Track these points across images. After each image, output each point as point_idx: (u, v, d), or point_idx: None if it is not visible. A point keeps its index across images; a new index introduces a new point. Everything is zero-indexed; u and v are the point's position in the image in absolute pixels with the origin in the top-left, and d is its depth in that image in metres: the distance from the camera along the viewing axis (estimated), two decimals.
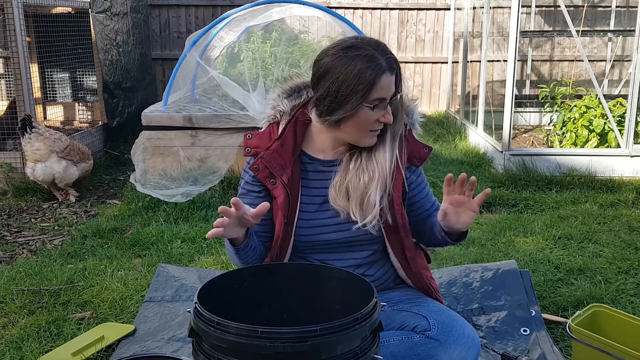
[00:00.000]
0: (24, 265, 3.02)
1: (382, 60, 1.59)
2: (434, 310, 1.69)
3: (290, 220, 1.71)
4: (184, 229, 3.51)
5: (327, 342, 1.22)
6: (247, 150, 1.75)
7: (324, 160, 1.75)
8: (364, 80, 1.57)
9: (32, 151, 4.10)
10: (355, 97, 1.58)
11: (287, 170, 1.69)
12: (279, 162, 1.69)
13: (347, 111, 1.60)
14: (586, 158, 4.67)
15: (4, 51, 5.82)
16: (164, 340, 2.27)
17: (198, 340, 1.33)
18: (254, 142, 1.74)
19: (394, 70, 1.61)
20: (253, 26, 4.54)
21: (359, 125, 1.63)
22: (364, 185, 1.66)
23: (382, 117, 1.62)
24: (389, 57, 1.61)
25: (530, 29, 7.18)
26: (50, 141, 4.13)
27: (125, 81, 5.89)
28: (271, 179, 1.70)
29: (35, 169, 4.12)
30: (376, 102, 1.60)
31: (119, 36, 5.79)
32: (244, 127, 4.21)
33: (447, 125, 6.54)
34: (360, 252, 1.77)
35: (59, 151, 4.15)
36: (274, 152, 1.70)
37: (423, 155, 1.78)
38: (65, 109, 6.31)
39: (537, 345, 2.25)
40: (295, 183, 1.71)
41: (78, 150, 4.31)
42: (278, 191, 1.69)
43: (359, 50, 1.59)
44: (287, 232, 1.72)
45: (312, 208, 1.73)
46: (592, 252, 3.17)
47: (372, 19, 7.47)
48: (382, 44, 1.64)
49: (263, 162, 1.69)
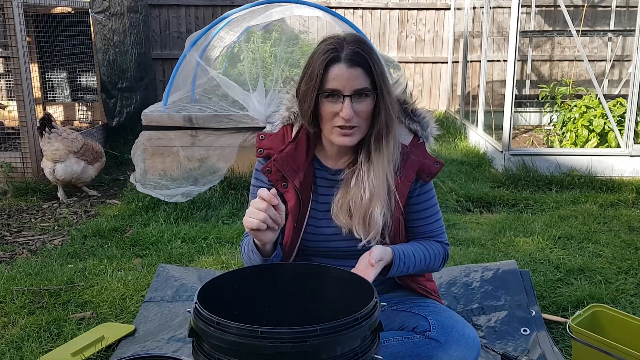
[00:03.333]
0: (24, 265, 3.02)
1: (341, 51, 1.53)
2: (434, 311, 1.68)
3: (299, 225, 1.70)
4: (184, 229, 3.51)
5: (327, 342, 1.22)
6: (259, 151, 1.72)
7: (332, 168, 1.72)
8: (315, 69, 1.54)
9: (51, 151, 4.13)
10: (311, 87, 1.56)
11: (299, 175, 1.67)
12: (292, 166, 1.67)
13: (307, 101, 1.57)
14: (586, 158, 4.67)
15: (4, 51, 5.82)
16: (164, 340, 2.27)
17: (198, 340, 1.33)
18: (267, 144, 1.71)
19: (354, 64, 1.53)
20: (253, 26, 4.54)
21: (323, 119, 1.60)
22: (366, 203, 1.61)
23: (340, 112, 1.54)
24: (355, 50, 1.53)
25: (530, 29, 7.17)
26: (68, 141, 4.18)
27: (122, 81, 5.89)
28: (283, 182, 1.67)
29: (55, 169, 4.15)
30: (328, 92, 1.54)
31: (116, 36, 5.79)
32: (244, 127, 4.21)
33: (447, 125, 6.54)
34: None
35: (76, 151, 4.20)
36: (288, 156, 1.67)
37: (434, 171, 1.69)
38: (65, 109, 6.31)
39: (537, 345, 2.25)
40: (306, 188, 1.69)
41: (92, 149, 4.35)
42: (289, 195, 1.68)
43: (326, 42, 1.57)
44: (295, 237, 1.70)
45: (320, 215, 1.71)
46: (592, 252, 3.17)
47: (372, 19, 7.47)
48: (360, 40, 1.57)
49: (276, 165, 1.67)
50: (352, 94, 1.54)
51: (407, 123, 1.72)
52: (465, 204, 4.05)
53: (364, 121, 1.59)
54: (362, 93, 1.55)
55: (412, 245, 1.70)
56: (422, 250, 1.70)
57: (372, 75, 1.55)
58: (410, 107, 1.72)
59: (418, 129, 1.70)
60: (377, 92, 1.56)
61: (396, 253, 1.63)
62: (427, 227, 1.75)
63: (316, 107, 1.59)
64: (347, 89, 1.53)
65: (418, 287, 1.80)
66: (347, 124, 1.56)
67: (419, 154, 1.68)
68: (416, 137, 1.71)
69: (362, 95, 1.56)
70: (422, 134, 1.70)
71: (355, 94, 1.54)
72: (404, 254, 1.64)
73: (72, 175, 4.20)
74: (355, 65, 1.53)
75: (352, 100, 1.54)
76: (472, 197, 4.11)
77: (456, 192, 4.15)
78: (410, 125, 1.71)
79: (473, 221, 3.71)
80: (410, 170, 1.66)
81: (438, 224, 1.76)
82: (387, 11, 7.46)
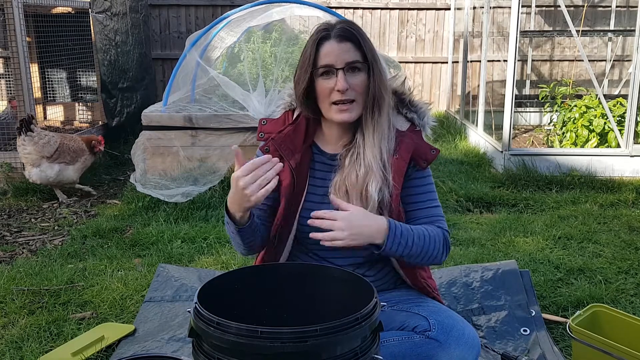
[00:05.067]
0: (24, 265, 3.02)
1: (331, 30, 1.62)
2: (434, 311, 1.68)
3: (294, 208, 1.71)
4: (184, 229, 3.51)
5: (327, 342, 1.22)
6: (260, 135, 1.77)
7: (331, 153, 1.76)
8: (309, 48, 1.63)
9: (24, 155, 4.07)
10: (306, 66, 1.63)
11: (296, 156, 1.71)
12: (289, 147, 1.71)
13: (303, 81, 1.64)
14: (586, 158, 4.67)
15: (4, 51, 5.83)
16: (164, 340, 2.27)
17: (198, 340, 1.33)
18: (268, 128, 1.77)
19: (343, 39, 1.61)
20: (253, 26, 4.54)
21: (320, 98, 1.65)
22: (362, 179, 1.64)
23: (335, 85, 1.60)
24: (343, 27, 1.62)
25: (530, 29, 7.18)
26: (39, 146, 4.05)
27: (123, 81, 5.89)
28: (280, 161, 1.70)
29: (31, 173, 4.10)
30: (324, 69, 1.61)
31: (118, 36, 5.79)
32: (244, 127, 4.21)
33: (447, 125, 6.54)
34: (362, 250, 1.75)
35: (49, 156, 4.08)
36: (286, 136, 1.72)
37: (430, 157, 1.71)
38: (65, 109, 6.31)
39: (537, 345, 2.25)
40: (303, 171, 1.72)
41: (69, 149, 4.19)
42: (284, 174, 1.69)
43: (319, 25, 1.66)
44: (290, 220, 1.72)
45: (316, 199, 1.73)
46: (592, 252, 3.17)
47: (372, 19, 7.47)
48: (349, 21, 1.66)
49: (274, 144, 1.71)
50: (344, 67, 1.61)
51: (404, 112, 1.76)
52: (465, 204, 4.05)
53: (360, 95, 1.64)
54: (354, 67, 1.62)
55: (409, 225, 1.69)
56: (419, 228, 1.66)
57: (362, 49, 1.62)
58: (407, 98, 1.77)
59: (415, 117, 1.74)
60: (367, 63, 1.62)
61: (391, 223, 1.60)
62: (425, 211, 1.74)
63: (313, 89, 1.66)
64: (339, 62, 1.60)
65: (420, 282, 1.81)
66: (343, 97, 1.61)
67: (415, 138, 1.72)
68: (413, 125, 1.75)
69: (355, 70, 1.62)
70: (419, 122, 1.74)
71: (347, 67, 1.61)
72: (401, 226, 1.62)
73: (47, 180, 4.10)
74: (345, 40, 1.61)
75: (345, 73, 1.61)
76: (472, 197, 4.11)
77: (456, 192, 4.15)
78: (407, 114, 1.76)
79: (473, 221, 3.71)
80: (405, 152, 1.68)
81: (436, 210, 1.75)
82: (387, 11, 7.46)
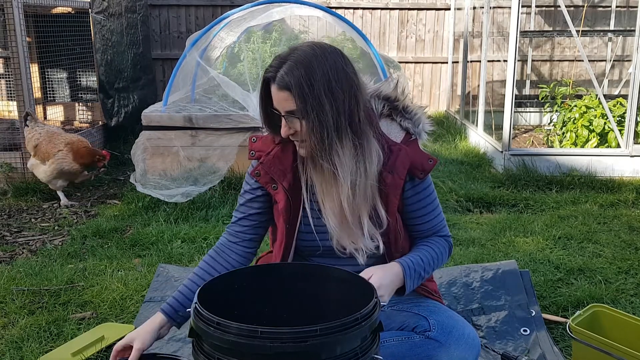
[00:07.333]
0: (24, 265, 3.02)
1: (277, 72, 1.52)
2: (434, 311, 1.68)
3: (292, 225, 1.70)
4: (184, 229, 3.51)
5: (327, 342, 1.22)
6: (251, 153, 1.73)
7: None
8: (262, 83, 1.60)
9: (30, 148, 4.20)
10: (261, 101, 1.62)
11: (287, 176, 1.67)
12: (279, 168, 1.67)
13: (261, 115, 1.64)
14: (586, 158, 4.67)
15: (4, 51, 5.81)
16: (164, 340, 2.27)
17: (198, 340, 1.33)
18: (258, 146, 1.72)
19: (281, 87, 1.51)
20: (253, 26, 4.54)
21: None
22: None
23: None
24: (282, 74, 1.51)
25: (530, 29, 7.17)
26: (26, 140, 4.21)
27: (118, 81, 5.90)
28: (272, 184, 1.68)
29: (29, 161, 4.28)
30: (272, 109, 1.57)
31: (114, 36, 5.79)
32: (244, 127, 4.21)
33: (447, 125, 6.54)
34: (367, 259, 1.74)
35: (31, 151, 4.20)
36: (275, 158, 1.68)
37: (427, 167, 1.65)
38: (65, 109, 6.30)
39: (537, 345, 2.25)
40: (296, 188, 1.68)
41: (40, 150, 4.09)
42: (279, 196, 1.68)
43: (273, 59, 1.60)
44: (290, 236, 1.70)
45: (313, 214, 1.70)
46: (592, 252, 3.17)
47: (372, 19, 7.47)
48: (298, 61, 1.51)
49: (264, 168, 1.68)
50: (285, 115, 1.55)
51: (398, 121, 1.70)
52: (465, 204, 4.05)
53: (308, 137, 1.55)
54: (292, 115, 1.54)
55: (416, 251, 1.70)
56: (427, 252, 1.69)
57: (300, 99, 1.50)
58: (401, 104, 1.70)
59: (409, 126, 1.68)
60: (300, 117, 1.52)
61: (404, 266, 1.61)
62: (428, 224, 1.73)
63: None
64: (280, 109, 1.55)
65: (420, 287, 1.80)
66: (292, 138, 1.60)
67: (410, 151, 1.65)
68: (408, 134, 1.68)
69: (295, 118, 1.54)
70: (414, 131, 1.68)
71: (287, 114, 1.55)
72: (412, 262, 1.63)
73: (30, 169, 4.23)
74: (282, 89, 1.52)
75: (286, 120, 1.56)
76: (472, 197, 4.11)
77: (456, 192, 4.15)
78: (402, 122, 1.69)
79: (473, 221, 3.71)
80: (401, 168, 1.63)
81: (438, 219, 1.75)
82: (387, 11, 7.46)
